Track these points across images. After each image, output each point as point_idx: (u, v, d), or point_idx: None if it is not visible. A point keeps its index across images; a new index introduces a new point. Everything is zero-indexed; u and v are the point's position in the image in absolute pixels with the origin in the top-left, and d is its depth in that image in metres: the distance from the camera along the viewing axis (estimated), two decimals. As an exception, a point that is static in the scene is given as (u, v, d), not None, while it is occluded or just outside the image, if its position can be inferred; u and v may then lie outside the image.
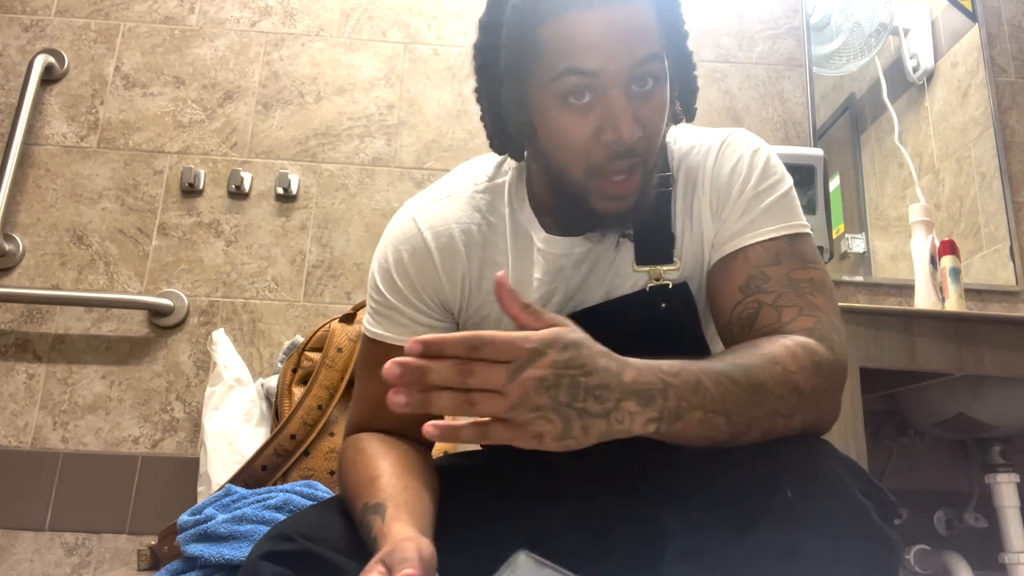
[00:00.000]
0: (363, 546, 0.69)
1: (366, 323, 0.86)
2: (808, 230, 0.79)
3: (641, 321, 0.80)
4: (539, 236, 0.83)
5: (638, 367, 0.59)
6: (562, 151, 0.74)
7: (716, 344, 0.87)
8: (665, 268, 0.80)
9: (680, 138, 0.85)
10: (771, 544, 0.58)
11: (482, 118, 0.81)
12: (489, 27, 0.76)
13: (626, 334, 0.72)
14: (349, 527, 0.73)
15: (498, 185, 0.86)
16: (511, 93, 0.75)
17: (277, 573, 0.65)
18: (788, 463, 0.61)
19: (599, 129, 0.71)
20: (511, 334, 0.55)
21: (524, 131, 0.77)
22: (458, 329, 0.86)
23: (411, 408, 0.55)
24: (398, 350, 0.83)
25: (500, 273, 0.57)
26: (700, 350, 0.84)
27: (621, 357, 0.59)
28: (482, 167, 0.89)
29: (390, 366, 0.55)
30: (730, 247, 0.78)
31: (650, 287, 0.80)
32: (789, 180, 0.81)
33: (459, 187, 0.87)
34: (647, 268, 0.81)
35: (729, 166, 0.80)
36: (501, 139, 0.81)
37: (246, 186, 1.77)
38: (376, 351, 0.85)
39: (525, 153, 0.83)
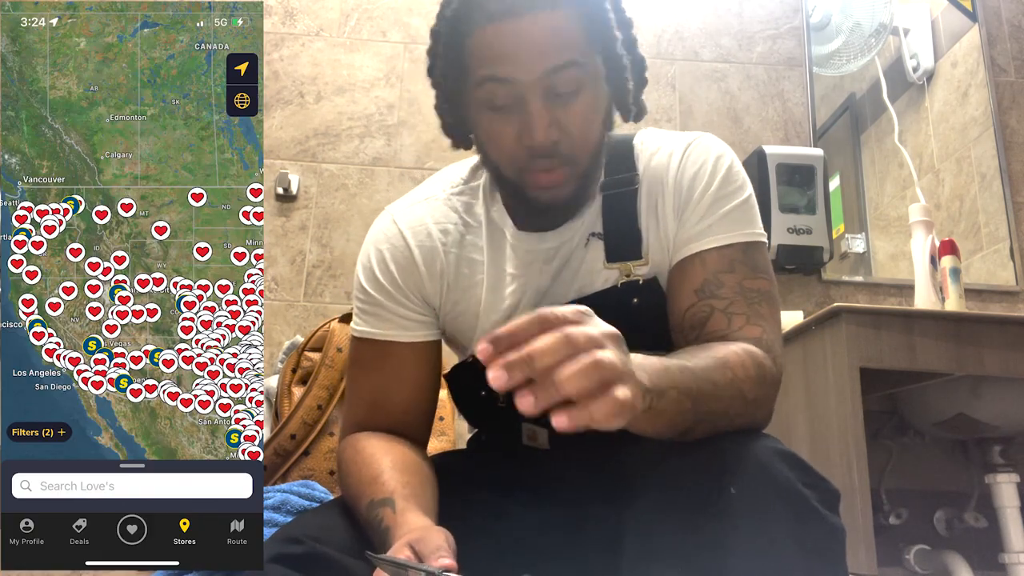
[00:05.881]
0: (369, 546, 0.70)
1: (353, 325, 0.89)
2: (763, 239, 0.83)
3: (614, 317, 0.80)
4: (511, 232, 0.86)
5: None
6: (493, 149, 0.80)
7: None
8: (634, 264, 0.83)
9: (647, 141, 0.88)
10: (716, 540, 0.60)
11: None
12: (433, 34, 0.82)
13: None
14: (354, 528, 0.74)
15: (473, 187, 0.91)
16: (448, 95, 0.83)
17: None
18: (729, 460, 0.63)
19: (519, 132, 0.76)
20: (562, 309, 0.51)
21: (460, 128, 0.85)
22: (439, 323, 0.89)
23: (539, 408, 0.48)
24: (386, 346, 0.86)
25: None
26: (669, 344, 0.86)
27: None
28: (458, 171, 0.94)
29: (496, 376, 0.47)
30: (688, 251, 0.81)
31: (621, 283, 0.82)
32: (749, 188, 0.84)
33: (436, 190, 0.92)
34: (617, 265, 0.83)
35: (692, 170, 0.83)
36: (451, 135, 0.88)
37: (246, 186, 1.77)
38: (365, 349, 0.87)
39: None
